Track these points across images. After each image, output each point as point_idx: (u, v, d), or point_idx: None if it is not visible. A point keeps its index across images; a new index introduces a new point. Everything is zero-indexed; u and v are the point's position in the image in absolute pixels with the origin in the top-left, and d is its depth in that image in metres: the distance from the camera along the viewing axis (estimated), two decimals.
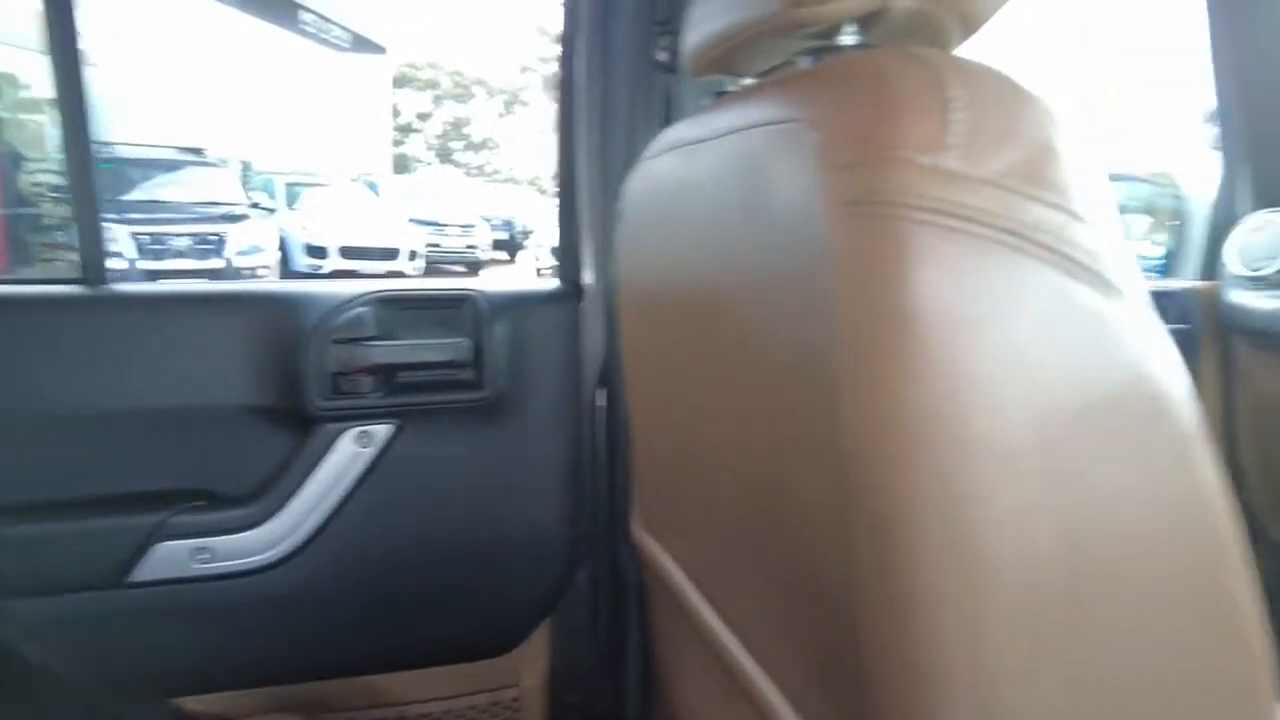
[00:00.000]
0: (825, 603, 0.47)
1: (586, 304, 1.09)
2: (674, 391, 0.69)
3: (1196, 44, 1.28)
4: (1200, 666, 0.41)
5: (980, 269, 0.37)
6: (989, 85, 0.40)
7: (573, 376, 1.10)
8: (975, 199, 0.37)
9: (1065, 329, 0.37)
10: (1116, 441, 0.38)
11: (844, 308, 0.40)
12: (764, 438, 0.52)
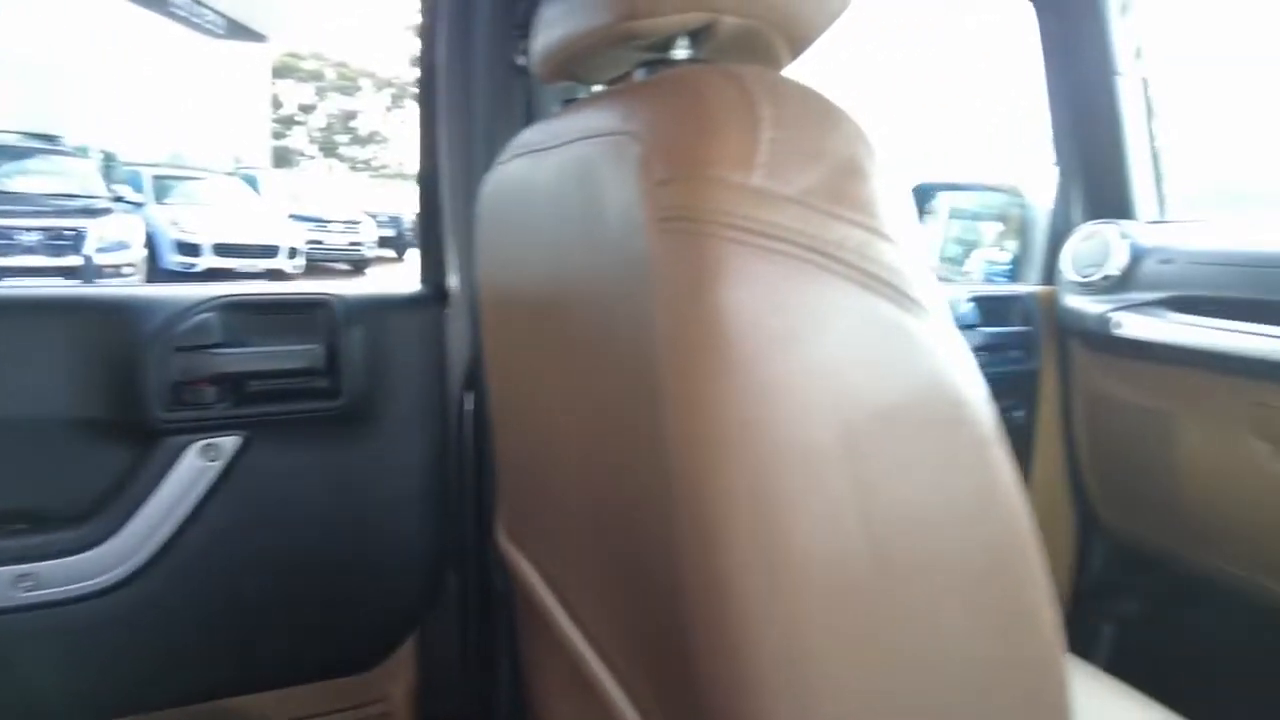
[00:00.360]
0: (657, 606, 0.48)
1: (452, 308, 1.07)
2: (529, 398, 0.69)
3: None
4: (998, 661, 0.44)
5: (788, 285, 0.38)
6: (798, 105, 0.41)
7: (437, 382, 1.08)
8: (782, 217, 0.38)
9: (869, 342, 0.39)
10: (918, 447, 0.40)
11: (662, 321, 0.41)
12: (604, 445, 0.53)
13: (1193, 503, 1.23)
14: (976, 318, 1.26)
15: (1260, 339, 1.03)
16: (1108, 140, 1.34)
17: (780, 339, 0.38)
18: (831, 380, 0.38)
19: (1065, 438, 1.41)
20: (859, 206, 0.40)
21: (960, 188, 1.71)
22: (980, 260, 1.54)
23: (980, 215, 1.68)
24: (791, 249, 0.38)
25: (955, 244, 1.69)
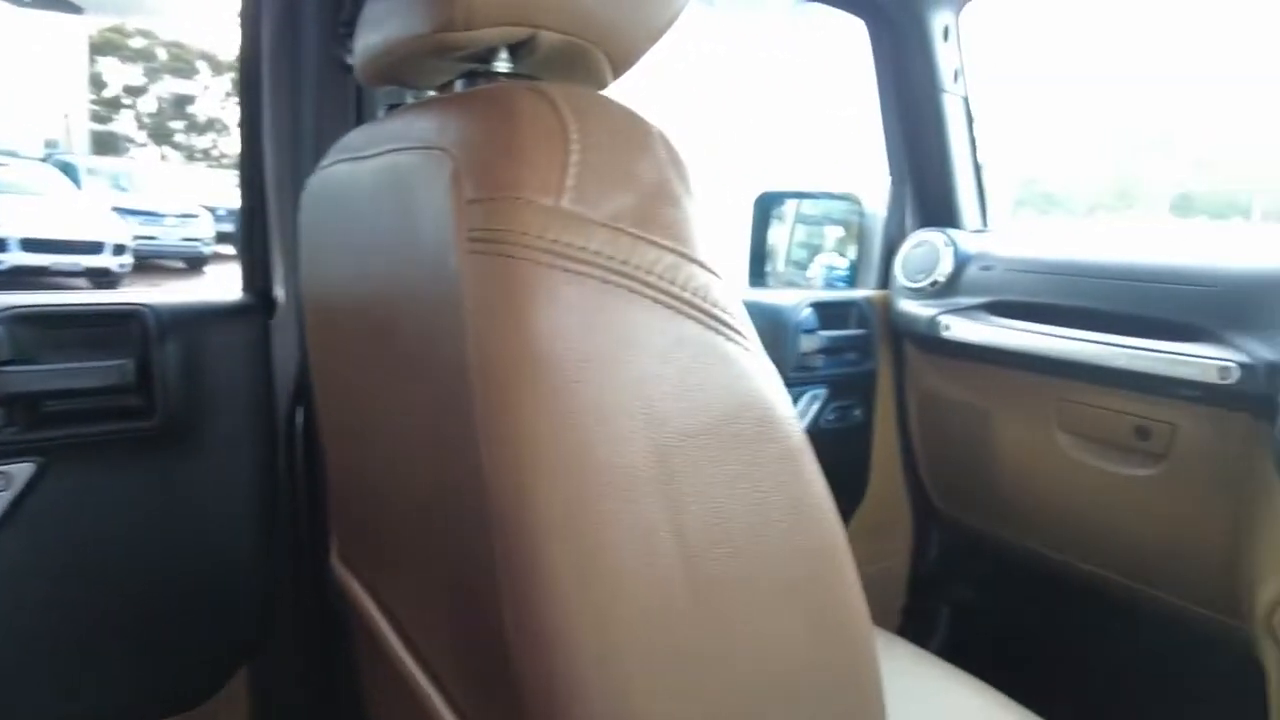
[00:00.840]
0: (482, 630, 0.47)
1: (278, 318, 1.00)
2: (356, 415, 0.66)
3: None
4: (813, 662, 0.46)
5: (598, 309, 0.38)
6: (610, 127, 0.41)
7: (264, 397, 1.01)
8: (591, 241, 0.38)
9: (679, 363, 0.40)
10: (729, 464, 0.41)
11: (473, 344, 0.40)
12: (426, 466, 0.52)
13: (1012, 491, 1.34)
14: (817, 322, 1.31)
15: (1062, 341, 1.13)
16: (935, 154, 1.43)
17: (591, 362, 0.38)
18: (643, 402, 0.39)
19: (901, 433, 1.50)
20: (669, 231, 0.40)
21: (805, 195, 1.78)
22: (822, 265, 1.61)
23: (824, 222, 1.76)
24: (600, 272, 0.38)
25: (801, 248, 1.77)
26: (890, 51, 1.41)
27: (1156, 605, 1.24)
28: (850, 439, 1.43)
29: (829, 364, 1.34)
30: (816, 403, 1.33)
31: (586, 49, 0.50)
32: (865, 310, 1.40)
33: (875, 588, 1.53)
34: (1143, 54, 42.53)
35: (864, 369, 1.40)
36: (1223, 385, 0.97)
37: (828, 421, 1.36)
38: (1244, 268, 1.04)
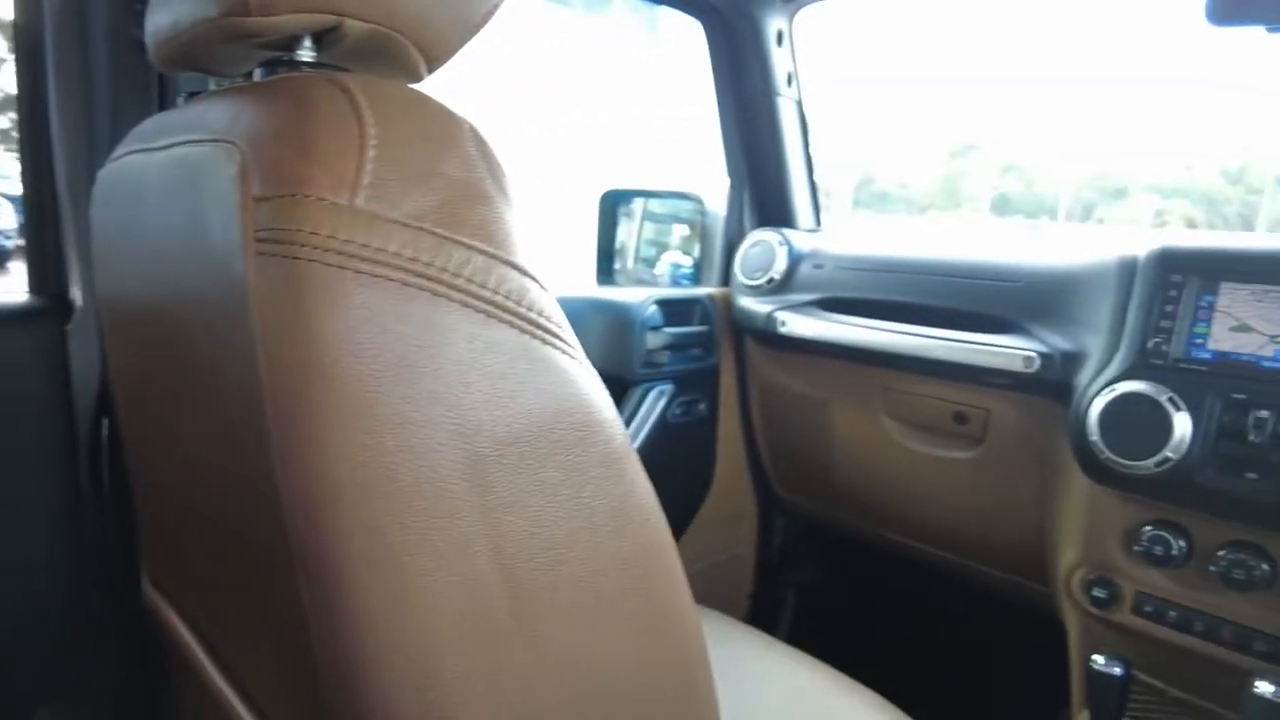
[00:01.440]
0: (294, 651, 0.44)
1: (76, 322, 0.91)
2: (158, 428, 0.60)
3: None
4: (641, 664, 0.46)
5: (399, 314, 0.36)
6: (413, 121, 0.39)
7: (62, 410, 0.91)
8: (390, 242, 0.36)
9: (492, 369, 0.38)
10: (548, 470, 0.40)
11: (262, 354, 0.37)
12: (228, 483, 0.48)
13: (847, 476, 1.41)
14: (662, 319, 1.33)
15: (886, 334, 1.20)
16: (770, 156, 1.48)
17: (391, 371, 0.36)
18: (453, 411, 0.37)
19: (744, 425, 1.54)
20: (479, 231, 0.38)
21: (651, 194, 1.80)
22: (668, 262, 1.64)
23: (670, 220, 1.79)
24: (401, 275, 0.36)
25: (650, 246, 1.79)
26: (726, 54, 1.44)
27: (978, 576, 1.34)
28: (697, 433, 1.46)
29: (675, 360, 1.37)
30: (663, 398, 1.35)
31: (396, 40, 0.47)
32: (708, 307, 1.44)
33: (724, 576, 1.59)
34: (963, 58, 46.14)
35: (708, 364, 1.44)
36: (1027, 373, 1.06)
37: (675, 416, 1.38)
38: (1042, 265, 1.14)
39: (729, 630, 1.08)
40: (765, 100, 1.44)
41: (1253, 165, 29.51)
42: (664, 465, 1.38)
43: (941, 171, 33.23)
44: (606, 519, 0.43)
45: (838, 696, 0.93)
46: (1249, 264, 0.92)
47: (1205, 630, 0.96)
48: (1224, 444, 0.89)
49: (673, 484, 1.43)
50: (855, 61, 47.04)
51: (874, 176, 34.70)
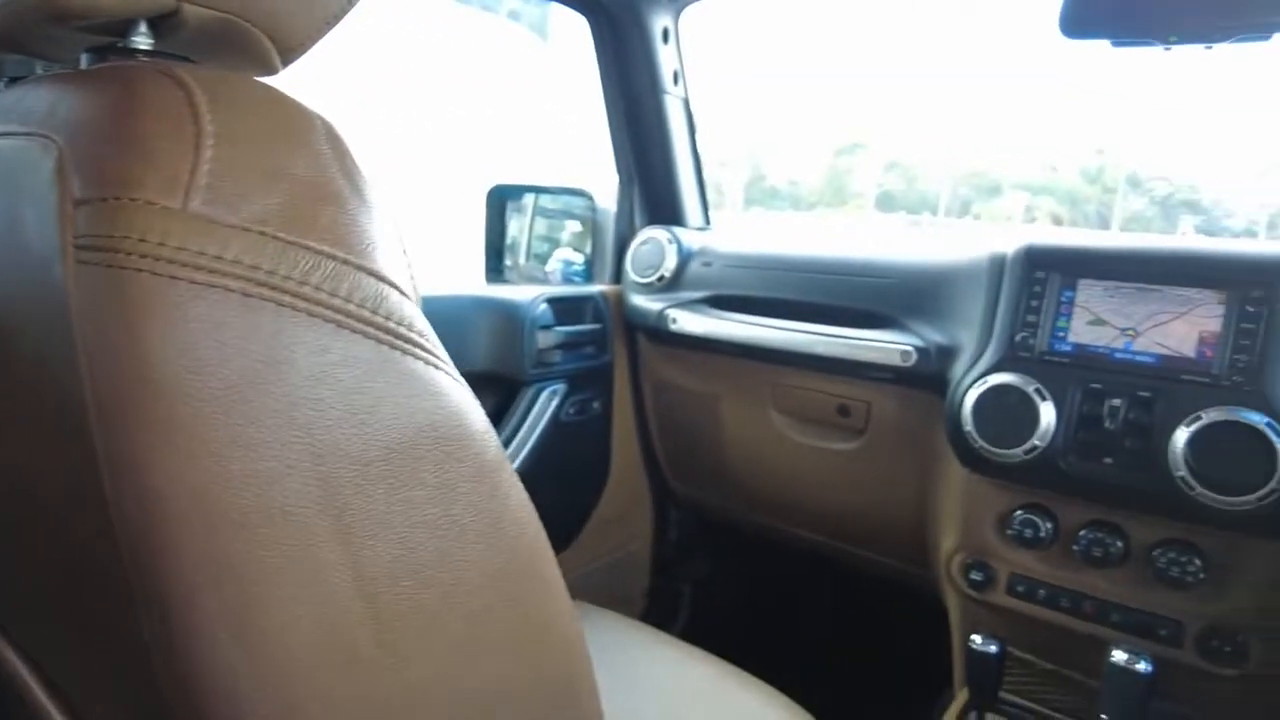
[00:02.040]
0: (139, 693, 0.40)
1: None
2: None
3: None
4: (521, 680, 0.44)
5: (240, 326, 0.33)
6: (258, 117, 0.36)
7: None
8: (229, 249, 0.33)
9: (348, 384, 0.35)
10: (414, 489, 0.38)
11: (87, 371, 0.33)
12: (57, 518, 0.43)
13: (739, 469, 1.43)
14: (553, 318, 1.31)
15: (771, 331, 1.23)
16: (658, 154, 1.48)
17: (232, 389, 0.32)
18: (304, 431, 0.34)
19: (638, 422, 1.54)
20: (329, 234, 0.36)
21: (540, 190, 1.78)
22: (559, 259, 1.62)
23: (562, 216, 1.77)
24: (241, 284, 0.33)
25: (542, 242, 1.76)
26: (613, 51, 1.44)
27: (865, 563, 1.38)
28: (591, 431, 1.45)
29: (567, 359, 1.35)
30: (556, 398, 1.33)
31: (244, 29, 0.43)
32: (600, 305, 1.43)
33: (620, 572, 1.58)
34: (850, 55, 47.58)
35: (601, 362, 1.43)
36: (905, 367, 1.10)
37: (568, 416, 1.36)
38: (918, 262, 1.18)
39: (622, 630, 1.07)
40: (652, 98, 1.44)
41: (1108, 166, 31.87)
42: (558, 465, 1.37)
43: (828, 169, 34.36)
44: (479, 536, 0.41)
45: (729, 691, 0.94)
46: (1102, 262, 0.98)
47: (1070, 606, 1.02)
48: (1084, 431, 0.94)
49: (568, 483, 1.42)
50: (743, 59, 47.65)
51: (765, 174, 35.58)
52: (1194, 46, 0.90)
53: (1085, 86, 13.25)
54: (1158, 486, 0.89)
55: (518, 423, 1.28)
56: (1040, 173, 30.30)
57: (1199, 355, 0.90)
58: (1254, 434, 0.83)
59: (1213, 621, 0.93)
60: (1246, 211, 23.84)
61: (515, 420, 1.28)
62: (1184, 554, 0.92)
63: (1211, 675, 0.94)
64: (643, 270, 1.41)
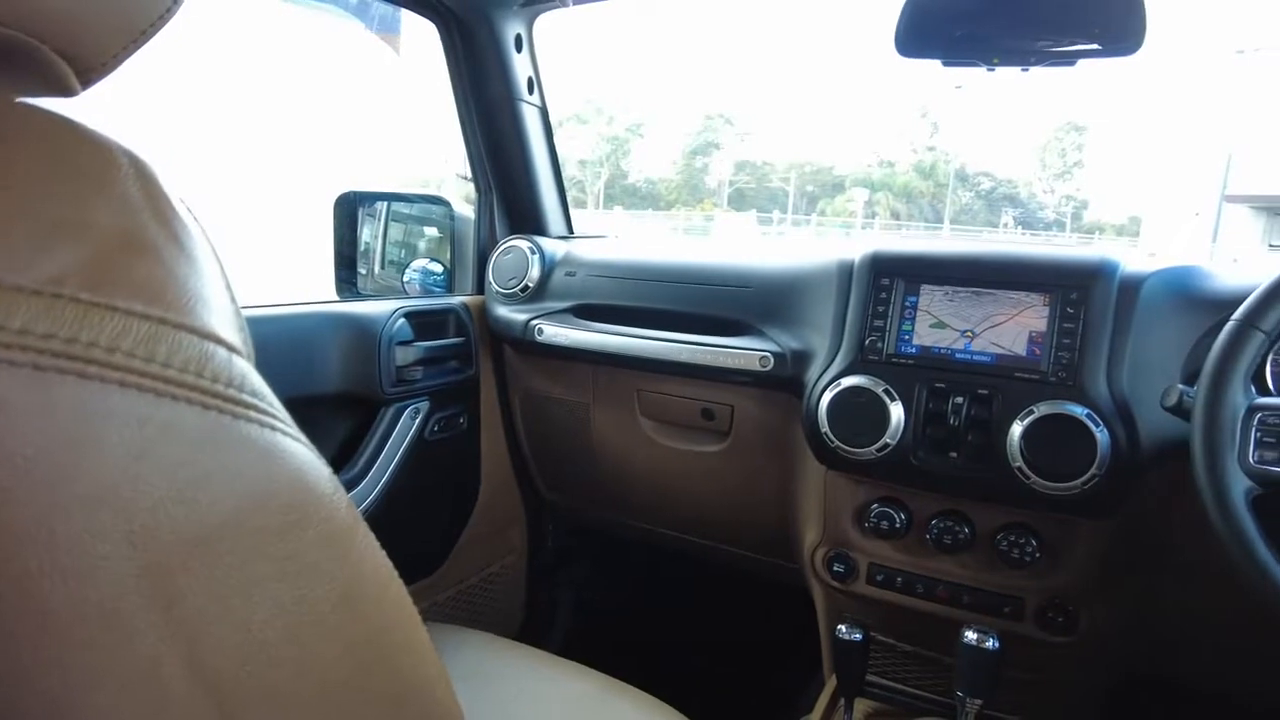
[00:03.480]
0: None
1: None
2: None
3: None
4: None
5: (34, 406, 0.27)
6: (50, 155, 0.30)
7: None
8: (16, 316, 0.27)
9: (166, 459, 0.31)
10: (255, 565, 0.34)
11: None
12: None
13: (611, 475, 1.43)
14: (412, 332, 1.27)
15: (636, 340, 1.24)
16: (517, 162, 1.46)
17: (28, 478, 0.28)
18: (121, 515, 0.29)
19: (509, 435, 1.52)
20: (142, 291, 0.31)
21: (394, 197, 1.71)
22: (417, 269, 1.56)
23: (419, 225, 1.71)
24: (33, 356, 0.28)
25: (399, 250, 1.70)
26: (464, 58, 1.40)
27: (737, 560, 1.42)
28: (458, 448, 1.41)
29: (430, 375, 1.30)
30: (419, 416, 1.28)
31: (33, 48, 0.37)
32: (463, 317, 1.39)
33: (497, 588, 1.55)
34: (701, 57, 48.95)
35: (466, 376, 1.39)
36: (763, 371, 1.14)
37: (434, 434, 1.32)
38: (773, 269, 1.22)
39: (497, 651, 1.05)
40: (507, 106, 1.42)
41: (939, 163, 34.37)
42: (425, 486, 1.32)
43: (684, 168, 35.21)
44: (333, 607, 0.37)
45: (604, 703, 0.94)
46: (942, 268, 1.05)
47: (925, 591, 1.08)
48: (931, 428, 1.01)
49: (436, 503, 1.38)
50: (602, 60, 47.97)
51: (625, 172, 36.03)
52: (1013, 68, 0.98)
53: (918, 88, 14.08)
54: (998, 477, 0.96)
55: (378, 445, 1.22)
56: (878, 170, 32.18)
57: (1029, 353, 0.98)
58: (1077, 425, 0.91)
59: (1048, 596, 1.02)
60: (1055, 205, 26.75)
61: (375, 442, 1.22)
62: (1022, 536, 1.00)
63: (1048, 644, 1.03)
64: (505, 280, 1.39)
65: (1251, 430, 0.74)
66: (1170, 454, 0.90)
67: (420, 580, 1.39)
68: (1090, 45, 0.93)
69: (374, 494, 1.21)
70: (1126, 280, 0.96)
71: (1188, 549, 0.96)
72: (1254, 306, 0.75)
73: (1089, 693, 1.16)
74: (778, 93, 44.80)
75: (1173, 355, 0.94)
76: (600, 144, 33.83)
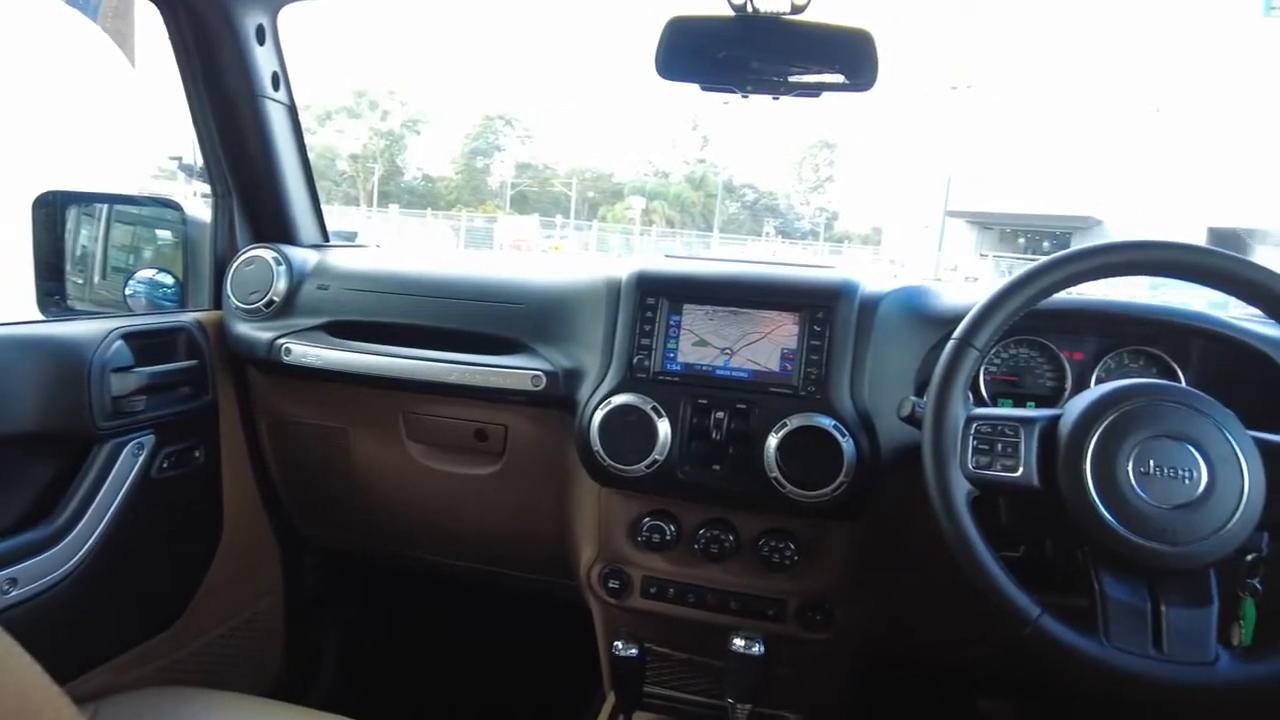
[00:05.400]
0: None
1: None
2: None
3: None
4: None
5: None
6: None
7: None
8: None
9: None
10: None
11: None
12: None
13: (377, 505, 1.34)
14: (132, 357, 1.10)
15: (399, 360, 1.15)
16: (260, 164, 1.32)
17: None
18: None
19: (256, 467, 1.37)
20: None
21: (115, 199, 1.49)
22: (144, 281, 1.37)
23: (146, 231, 1.50)
24: None
25: (126, 254, 1.48)
26: (196, 48, 1.24)
27: (514, 583, 1.38)
28: (194, 485, 1.25)
29: (155, 404, 1.14)
30: (143, 452, 1.12)
31: None
32: (196, 336, 1.23)
33: (248, 637, 1.40)
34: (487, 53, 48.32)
35: (201, 403, 1.24)
36: (536, 391, 1.11)
37: (162, 471, 1.16)
38: (543, 286, 1.19)
39: (248, 714, 0.94)
40: (249, 104, 1.27)
41: (708, 175, 36.38)
42: (153, 530, 1.16)
43: (465, 168, 34.51)
44: None
45: None
46: (702, 288, 1.08)
47: (696, 599, 1.11)
48: (696, 443, 1.03)
49: (168, 549, 1.21)
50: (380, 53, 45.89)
51: (402, 169, 34.63)
52: (765, 96, 1.03)
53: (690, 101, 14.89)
54: (757, 487, 1.00)
55: (90, 490, 1.05)
56: (654, 179, 33.73)
57: (782, 369, 1.03)
58: (826, 436, 0.97)
59: (807, 596, 1.08)
60: (810, 216, 29.25)
61: (87, 487, 1.05)
62: (782, 541, 1.05)
63: (810, 641, 1.09)
64: (247, 294, 1.24)
65: (969, 438, 0.81)
66: (907, 460, 0.98)
67: (154, 637, 1.22)
68: (833, 79, 1.00)
69: (87, 545, 1.04)
70: (866, 300, 1.04)
71: (923, 546, 1.06)
72: (969, 326, 0.83)
73: (848, 682, 1.24)
74: (559, 97, 45.24)
75: (907, 368, 1.03)
76: (374, 139, 32.30)
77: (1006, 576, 0.77)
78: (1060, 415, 0.81)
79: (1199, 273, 0.80)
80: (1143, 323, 1.04)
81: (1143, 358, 1.04)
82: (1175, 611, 0.74)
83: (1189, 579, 0.75)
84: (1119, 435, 0.76)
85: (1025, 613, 0.76)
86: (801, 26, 0.96)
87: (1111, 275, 0.82)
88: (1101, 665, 0.73)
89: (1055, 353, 1.06)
